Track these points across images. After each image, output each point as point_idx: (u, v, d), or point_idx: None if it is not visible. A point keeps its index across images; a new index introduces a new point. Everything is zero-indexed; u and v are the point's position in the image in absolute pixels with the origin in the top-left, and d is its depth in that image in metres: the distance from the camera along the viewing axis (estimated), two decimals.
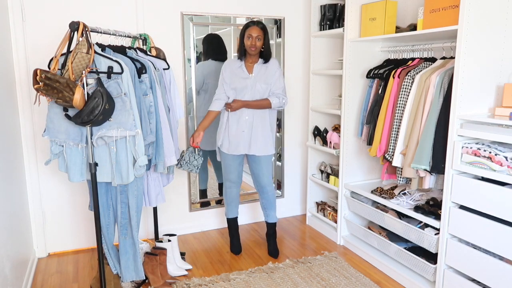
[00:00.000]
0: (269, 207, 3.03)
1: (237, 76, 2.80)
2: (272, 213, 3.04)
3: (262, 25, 2.74)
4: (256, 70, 2.80)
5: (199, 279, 2.69)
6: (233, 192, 3.02)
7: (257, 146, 2.83)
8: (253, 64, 2.82)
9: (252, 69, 2.81)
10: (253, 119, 2.80)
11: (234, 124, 2.81)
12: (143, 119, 2.29)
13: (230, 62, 2.88)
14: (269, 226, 3.09)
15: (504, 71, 2.27)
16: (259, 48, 2.75)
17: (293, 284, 2.64)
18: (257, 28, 2.71)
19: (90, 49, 2.02)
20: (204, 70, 3.33)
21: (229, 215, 3.10)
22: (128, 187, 2.32)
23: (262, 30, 2.73)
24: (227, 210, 3.09)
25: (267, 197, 2.99)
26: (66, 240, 3.13)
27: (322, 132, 3.46)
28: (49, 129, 2.17)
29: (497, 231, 2.03)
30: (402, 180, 2.62)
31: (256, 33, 2.71)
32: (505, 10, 2.18)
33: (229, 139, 2.83)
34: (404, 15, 2.99)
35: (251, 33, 2.72)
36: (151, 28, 3.05)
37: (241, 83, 2.79)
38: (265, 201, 3.01)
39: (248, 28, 2.73)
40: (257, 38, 2.72)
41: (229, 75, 2.81)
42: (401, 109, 2.56)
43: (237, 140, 2.82)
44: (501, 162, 1.97)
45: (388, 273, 2.77)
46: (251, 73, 2.80)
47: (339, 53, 3.50)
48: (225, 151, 2.87)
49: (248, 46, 2.74)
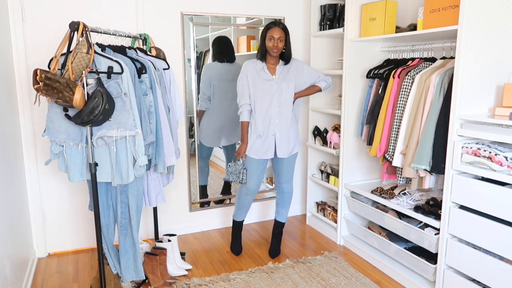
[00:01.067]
0: (282, 205, 3.04)
1: (260, 78, 2.76)
2: (283, 211, 3.05)
3: (283, 26, 2.71)
4: (279, 71, 2.78)
5: (199, 279, 2.69)
6: (247, 200, 2.97)
7: (284, 149, 2.83)
8: (275, 65, 2.79)
9: (274, 71, 2.79)
10: (281, 121, 2.79)
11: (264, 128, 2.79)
12: (143, 119, 2.29)
13: (250, 64, 2.80)
14: (277, 225, 3.09)
15: (504, 71, 2.27)
16: (281, 49, 2.72)
17: (293, 284, 2.64)
18: (279, 29, 2.68)
19: (90, 49, 2.02)
20: (211, 72, 3.34)
21: (237, 218, 3.08)
22: (128, 187, 2.32)
23: (284, 31, 2.70)
24: (236, 213, 3.07)
25: (283, 194, 3.01)
26: (66, 240, 3.13)
27: (322, 132, 3.46)
28: (49, 129, 2.17)
29: (497, 231, 2.03)
30: (402, 180, 2.62)
31: (278, 34, 2.68)
32: (505, 10, 2.18)
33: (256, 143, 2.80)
34: (404, 15, 2.99)
35: (273, 35, 2.68)
36: (151, 28, 3.05)
37: (265, 85, 2.74)
38: (280, 197, 3.03)
39: (270, 30, 2.69)
40: (279, 39, 2.68)
41: (251, 78, 2.76)
42: (401, 109, 2.56)
43: (267, 143, 2.80)
44: (501, 162, 1.97)
45: (388, 273, 2.77)
46: (274, 75, 2.78)
47: (339, 53, 3.50)
48: (253, 156, 2.82)
49: (270, 48, 2.70)
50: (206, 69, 3.34)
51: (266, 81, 2.75)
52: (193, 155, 3.43)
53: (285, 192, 3.00)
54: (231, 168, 2.87)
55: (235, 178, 2.85)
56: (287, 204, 3.05)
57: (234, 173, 2.85)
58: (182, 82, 3.24)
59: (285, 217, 3.08)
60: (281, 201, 3.04)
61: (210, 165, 3.55)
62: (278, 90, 2.76)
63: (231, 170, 2.86)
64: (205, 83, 3.34)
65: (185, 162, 3.36)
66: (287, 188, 2.99)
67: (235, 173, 2.84)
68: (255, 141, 2.80)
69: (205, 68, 3.34)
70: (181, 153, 3.27)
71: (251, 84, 2.75)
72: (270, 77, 2.76)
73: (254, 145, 2.81)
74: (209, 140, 3.45)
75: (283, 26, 2.71)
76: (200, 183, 3.52)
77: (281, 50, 2.73)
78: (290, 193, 3.02)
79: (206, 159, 3.52)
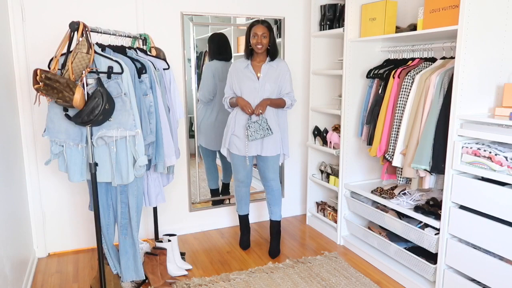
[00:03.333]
0: (273, 203, 3.04)
1: (245, 77, 2.81)
2: (275, 209, 3.06)
3: (267, 23, 2.77)
4: (265, 70, 2.81)
5: (199, 279, 2.69)
6: (241, 191, 3.09)
7: (269, 148, 2.85)
8: (261, 63, 2.83)
9: (260, 69, 2.82)
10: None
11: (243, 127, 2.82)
12: (143, 119, 2.29)
13: (236, 62, 2.90)
14: (273, 224, 3.09)
15: (504, 71, 2.27)
16: (265, 45, 2.77)
17: (293, 284, 2.64)
18: (261, 26, 2.74)
19: (90, 49, 2.02)
20: (214, 71, 3.33)
21: (239, 211, 3.17)
22: (128, 187, 2.32)
23: (267, 27, 2.75)
24: (237, 207, 3.17)
25: (272, 192, 3.01)
26: (66, 240, 3.13)
27: (322, 132, 3.46)
28: (49, 129, 2.17)
29: (497, 231, 2.02)
30: (402, 180, 2.62)
31: (261, 31, 2.73)
32: (505, 10, 2.18)
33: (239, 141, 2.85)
34: (404, 15, 2.99)
35: (256, 32, 2.74)
36: (151, 28, 3.05)
37: (249, 84, 2.80)
38: (270, 196, 3.03)
39: (253, 27, 2.75)
40: (263, 35, 2.74)
41: (236, 76, 2.84)
42: (401, 109, 2.56)
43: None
44: (501, 162, 1.97)
45: (388, 273, 2.77)
46: (259, 73, 2.82)
47: (339, 53, 3.50)
48: (236, 152, 2.89)
49: (254, 44, 2.75)
50: (208, 68, 3.33)
51: (251, 80, 2.81)
52: (193, 155, 3.43)
53: (274, 189, 3.01)
54: (253, 127, 2.77)
55: (264, 133, 2.77)
56: (278, 201, 3.05)
57: (259, 130, 2.76)
58: (182, 82, 3.24)
59: (279, 215, 3.08)
60: (272, 199, 3.04)
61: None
62: (261, 88, 2.80)
63: (255, 128, 2.77)
64: (209, 82, 3.33)
65: (185, 162, 3.36)
66: (275, 185, 3.00)
67: (261, 128, 2.76)
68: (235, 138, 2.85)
69: (206, 66, 3.32)
70: (181, 153, 3.27)
71: (236, 82, 2.83)
72: (254, 77, 2.81)
73: (234, 141, 2.86)
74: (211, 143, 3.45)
75: (267, 23, 2.77)
76: (211, 187, 3.53)
77: (266, 46, 2.77)
78: (278, 188, 3.03)
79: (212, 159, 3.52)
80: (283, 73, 2.85)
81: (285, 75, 2.85)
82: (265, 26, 2.75)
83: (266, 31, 2.74)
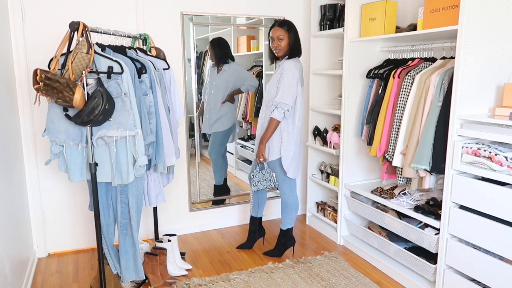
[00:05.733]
0: (282, 211, 2.98)
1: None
2: (283, 218, 2.99)
3: (285, 25, 2.66)
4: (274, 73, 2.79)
5: (199, 279, 2.69)
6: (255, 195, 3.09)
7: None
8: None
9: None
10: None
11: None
12: (143, 119, 2.29)
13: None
14: (280, 233, 3.04)
15: (504, 71, 2.28)
16: (283, 48, 2.68)
17: (293, 284, 2.64)
18: (278, 29, 2.66)
19: (90, 49, 2.02)
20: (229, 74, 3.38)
21: (251, 213, 3.14)
22: (128, 187, 2.32)
23: (283, 29, 2.65)
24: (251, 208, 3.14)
25: (281, 199, 2.96)
26: (66, 240, 3.13)
27: (322, 132, 3.46)
28: (49, 129, 2.17)
29: (497, 231, 2.03)
30: (402, 180, 2.62)
31: (277, 33, 2.66)
32: (505, 10, 2.18)
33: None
34: (404, 15, 2.99)
35: (272, 35, 2.69)
36: (151, 28, 3.05)
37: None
38: (281, 203, 2.99)
39: (270, 31, 2.71)
40: (279, 38, 2.66)
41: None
42: (401, 109, 2.56)
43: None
44: (501, 162, 1.97)
45: (388, 273, 2.77)
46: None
47: (339, 53, 3.50)
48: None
49: (273, 49, 2.71)
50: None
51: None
52: (193, 155, 3.44)
53: (282, 200, 2.96)
54: (257, 177, 2.78)
55: (268, 184, 2.78)
56: (285, 209, 2.95)
57: (264, 180, 2.76)
58: (182, 82, 3.24)
59: (284, 224, 2.99)
60: (281, 206, 2.98)
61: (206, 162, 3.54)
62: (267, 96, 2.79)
63: (258, 178, 2.77)
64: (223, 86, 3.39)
65: (185, 162, 3.36)
66: (281, 194, 2.94)
67: (265, 179, 2.76)
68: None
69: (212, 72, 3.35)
70: (181, 153, 3.27)
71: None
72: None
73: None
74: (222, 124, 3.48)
75: (284, 25, 2.67)
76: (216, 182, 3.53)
77: (285, 49, 2.68)
78: (285, 199, 2.92)
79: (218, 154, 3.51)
80: (281, 74, 2.66)
81: (280, 77, 2.65)
82: (280, 28, 2.65)
83: (282, 33, 2.64)
